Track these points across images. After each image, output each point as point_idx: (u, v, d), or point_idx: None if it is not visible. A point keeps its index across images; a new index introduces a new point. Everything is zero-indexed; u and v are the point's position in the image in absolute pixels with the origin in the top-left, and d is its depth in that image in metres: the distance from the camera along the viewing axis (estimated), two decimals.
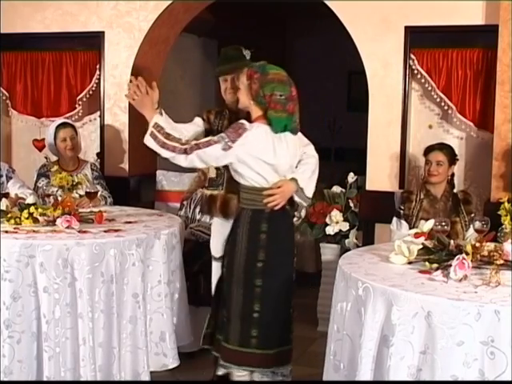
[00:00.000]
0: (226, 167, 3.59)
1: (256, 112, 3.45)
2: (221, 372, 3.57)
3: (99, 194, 4.70)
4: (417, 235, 3.27)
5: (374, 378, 2.76)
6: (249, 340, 3.48)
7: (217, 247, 3.80)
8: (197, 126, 3.81)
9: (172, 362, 3.91)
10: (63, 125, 4.91)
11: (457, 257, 2.91)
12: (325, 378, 3.19)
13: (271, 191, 3.46)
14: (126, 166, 5.45)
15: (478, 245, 3.05)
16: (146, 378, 3.74)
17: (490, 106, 4.52)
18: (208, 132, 3.78)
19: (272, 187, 3.46)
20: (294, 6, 8.19)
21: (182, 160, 3.43)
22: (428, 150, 4.24)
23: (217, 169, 3.80)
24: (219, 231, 3.77)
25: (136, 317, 3.71)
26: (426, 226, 3.32)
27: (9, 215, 3.92)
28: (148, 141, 3.48)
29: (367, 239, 4.81)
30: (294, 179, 3.53)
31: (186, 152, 3.39)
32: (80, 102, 5.52)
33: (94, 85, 5.48)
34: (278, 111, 3.41)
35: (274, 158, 3.42)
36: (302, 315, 5.13)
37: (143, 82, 3.55)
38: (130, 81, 3.60)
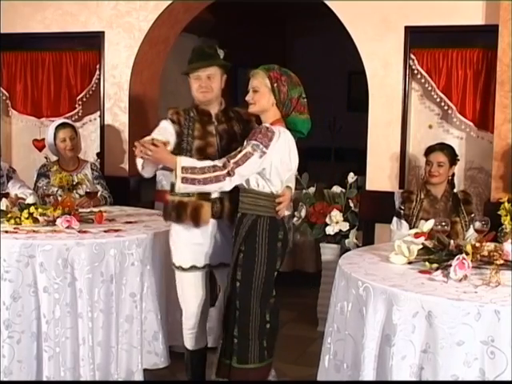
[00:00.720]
0: None
1: (274, 115, 3.39)
2: None
3: (99, 193, 4.70)
4: (417, 235, 3.27)
5: (376, 378, 2.77)
6: (264, 353, 3.43)
7: (186, 257, 3.61)
8: (170, 135, 3.56)
9: (163, 361, 3.92)
10: (63, 125, 4.91)
11: (457, 257, 2.92)
12: (319, 378, 3.19)
13: (281, 199, 3.40)
14: (125, 165, 5.45)
15: (478, 245, 3.06)
16: (139, 376, 3.74)
17: (490, 106, 4.52)
18: (179, 134, 3.58)
19: (280, 194, 3.40)
20: (294, 5, 8.19)
21: (227, 186, 3.30)
22: (429, 151, 4.23)
23: None
24: (186, 240, 3.60)
25: (132, 316, 3.71)
26: (426, 226, 3.32)
27: (9, 215, 3.93)
28: (183, 188, 3.30)
29: (367, 239, 4.81)
30: (289, 187, 3.50)
31: (229, 175, 3.26)
32: (80, 102, 5.52)
33: (94, 85, 5.48)
34: (303, 113, 3.41)
35: (292, 164, 3.42)
36: (302, 315, 5.14)
37: (146, 141, 3.35)
38: (135, 146, 3.37)
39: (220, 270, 3.70)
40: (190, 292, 3.66)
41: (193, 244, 3.60)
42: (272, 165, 3.32)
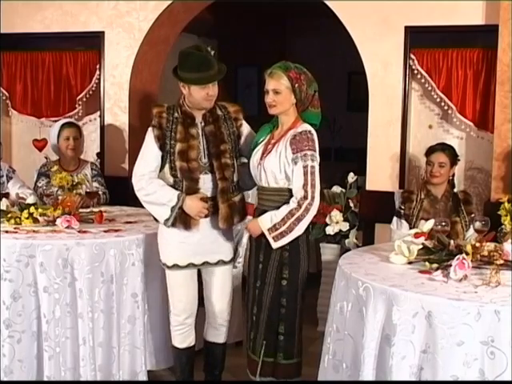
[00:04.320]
0: (183, 174, 3.53)
1: (294, 113, 3.45)
2: None
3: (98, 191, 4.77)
4: (417, 235, 3.27)
5: (376, 378, 2.77)
6: (301, 346, 3.58)
7: (173, 255, 3.63)
8: (156, 160, 3.59)
9: (166, 362, 3.93)
10: (68, 124, 4.92)
11: (457, 257, 2.92)
12: (321, 378, 3.19)
13: None
14: (126, 165, 5.45)
15: (477, 245, 3.06)
16: (143, 377, 3.75)
17: (490, 106, 4.52)
18: (160, 138, 3.56)
19: None
20: (294, 5, 8.18)
21: (314, 212, 3.36)
22: (430, 151, 4.22)
23: (174, 176, 3.58)
24: (174, 239, 3.61)
25: (135, 316, 3.72)
26: (426, 226, 3.32)
27: (9, 215, 3.93)
28: (280, 244, 3.38)
29: (367, 239, 4.80)
30: None
31: (310, 204, 3.32)
32: (80, 102, 5.52)
33: (94, 85, 5.48)
34: (318, 107, 3.49)
35: None
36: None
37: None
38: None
39: (206, 269, 3.72)
40: (177, 289, 3.68)
41: (181, 243, 3.61)
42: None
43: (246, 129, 3.72)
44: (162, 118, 3.59)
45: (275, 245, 3.39)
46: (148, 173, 3.60)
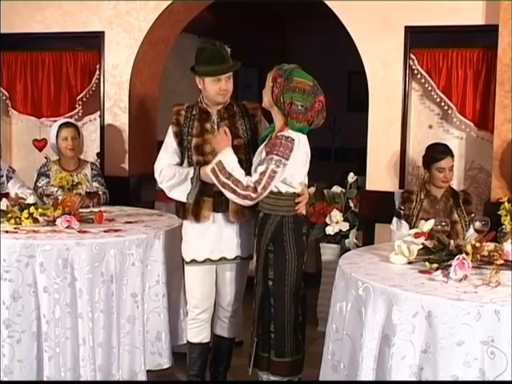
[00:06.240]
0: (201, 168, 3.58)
1: (280, 119, 3.45)
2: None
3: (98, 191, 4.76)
4: (417, 235, 3.27)
5: (376, 378, 2.77)
6: (299, 345, 3.55)
7: (190, 250, 3.73)
8: (176, 154, 3.71)
9: (167, 361, 3.93)
10: (66, 124, 4.92)
11: (457, 257, 2.92)
12: (321, 378, 3.19)
13: (300, 198, 3.51)
14: (126, 165, 5.45)
15: (478, 245, 3.06)
16: (142, 377, 3.75)
17: (490, 106, 4.52)
18: (178, 135, 3.69)
19: (300, 193, 3.50)
20: (294, 5, 8.19)
21: (248, 202, 3.39)
22: (439, 158, 4.12)
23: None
24: (191, 234, 3.72)
25: (134, 316, 3.71)
26: (426, 226, 3.32)
27: (9, 215, 3.93)
28: (208, 175, 3.47)
29: (367, 239, 4.80)
30: (305, 184, 3.59)
31: (251, 198, 3.34)
32: (80, 102, 5.52)
33: (94, 85, 5.48)
34: (300, 121, 3.42)
35: (308, 163, 3.52)
36: None
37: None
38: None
39: (222, 265, 3.75)
40: (193, 285, 3.76)
41: (198, 238, 3.68)
42: (294, 172, 3.42)
43: (264, 126, 3.76)
44: (180, 115, 3.72)
45: (206, 171, 3.46)
46: (165, 166, 3.69)
